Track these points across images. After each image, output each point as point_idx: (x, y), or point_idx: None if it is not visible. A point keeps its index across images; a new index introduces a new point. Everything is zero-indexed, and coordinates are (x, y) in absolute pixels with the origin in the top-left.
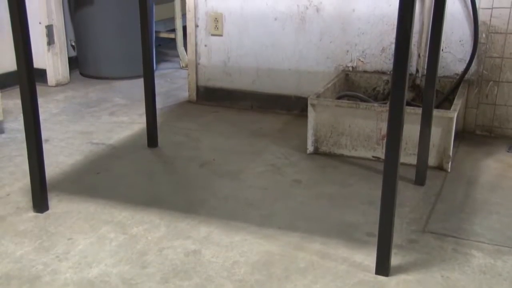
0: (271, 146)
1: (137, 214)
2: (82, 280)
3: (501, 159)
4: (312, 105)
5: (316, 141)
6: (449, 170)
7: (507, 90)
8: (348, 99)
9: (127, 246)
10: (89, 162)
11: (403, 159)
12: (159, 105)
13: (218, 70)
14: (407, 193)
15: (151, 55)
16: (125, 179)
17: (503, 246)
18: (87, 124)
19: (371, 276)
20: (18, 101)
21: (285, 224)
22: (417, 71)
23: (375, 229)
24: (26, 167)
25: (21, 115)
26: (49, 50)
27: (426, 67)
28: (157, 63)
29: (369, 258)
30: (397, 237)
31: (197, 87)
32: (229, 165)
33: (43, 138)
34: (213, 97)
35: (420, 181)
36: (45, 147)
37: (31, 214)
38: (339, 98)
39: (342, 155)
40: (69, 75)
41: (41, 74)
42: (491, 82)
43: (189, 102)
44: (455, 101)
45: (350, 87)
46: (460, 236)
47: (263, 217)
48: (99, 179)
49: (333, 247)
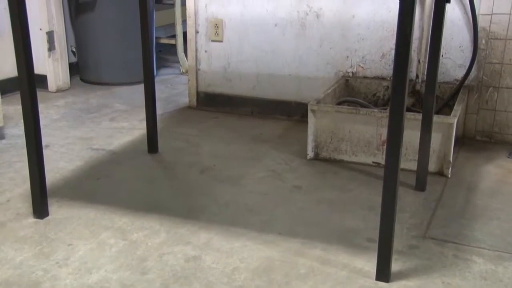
0: (271, 151)
1: (137, 220)
2: (82, 286)
3: (501, 165)
4: (312, 111)
5: (316, 146)
6: (450, 175)
7: (507, 96)
8: (348, 105)
9: (127, 252)
10: (89, 168)
11: (403, 164)
12: (160, 110)
13: (218, 76)
14: (407, 199)
15: (152, 61)
16: (125, 185)
17: (504, 252)
18: (88, 130)
19: (372, 282)
20: (18, 107)
21: (285, 229)
22: (417, 76)
23: (376, 235)
24: (26, 173)
25: (22, 121)
26: (49, 56)
27: (426, 73)
28: (158, 69)
29: (369, 264)
30: (398, 243)
31: (198, 93)
32: (230, 170)
33: (44, 144)
34: (213, 103)
35: (420, 186)
36: (45, 153)
37: (31, 220)
38: (339, 104)
39: (342, 161)
40: (70, 81)
41: (42, 80)
42: (491, 88)
43: (190, 107)
44: (455, 107)
45: (350, 93)
46: (460, 242)
47: (263, 223)
48: (99, 185)
49: (333, 253)
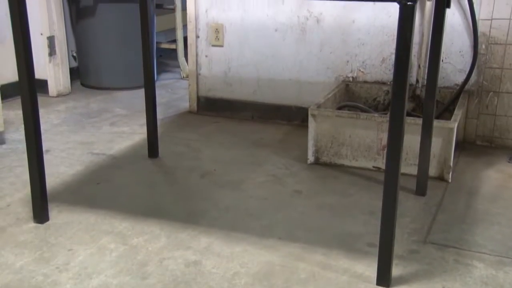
0: (271, 156)
1: (138, 224)
2: None
3: (502, 170)
4: (312, 115)
5: (316, 151)
6: (450, 180)
7: (507, 100)
8: (348, 110)
9: (127, 256)
10: (90, 172)
11: (404, 169)
12: (160, 115)
13: (218, 80)
14: (408, 204)
15: (152, 65)
16: (126, 189)
17: (505, 257)
18: (88, 134)
19: (372, 287)
20: (19, 112)
21: (285, 234)
22: (417, 81)
23: (376, 240)
24: (26, 177)
25: (22, 126)
26: (50, 61)
27: (426, 77)
28: (158, 73)
29: (370, 269)
30: (398, 248)
31: (198, 98)
32: (230, 175)
33: (44, 148)
34: (214, 108)
35: (421, 191)
36: (46, 158)
37: (31, 224)
38: (339, 108)
39: (342, 165)
40: (70, 86)
41: (42, 84)
42: (491, 92)
43: (190, 112)
44: (456, 112)
45: (350, 97)
46: (461, 246)
47: (263, 228)
48: (100, 190)
49: (334, 257)
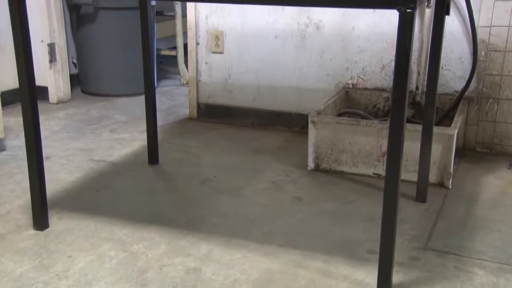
0: (271, 163)
1: (138, 231)
2: None
3: (502, 176)
4: (312, 122)
5: (316, 158)
6: (450, 187)
7: (507, 107)
8: (348, 116)
9: (127, 263)
10: (90, 179)
11: (404, 176)
12: (160, 122)
13: (218, 87)
14: (408, 210)
15: (152, 72)
16: (126, 196)
17: (506, 264)
18: (88, 141)
19: None
20: (19, 119)
21: (286, 241)
22: (417, 88)
23: (376, 247)
24: (26, 184)
25: (23, 133)
26: (51, 67)
27: (426, 84)
28: (158, 80)
29: (370, 275)
30: (399, 255)
31: (198, 104)
32: (230, 182)
33: (44, 155)
34: (214, 114)
35: (421, 198)
36: (46, 165)
37: (31, 231)
38: (339, 115)
39: (342, 172)
40: (71, 93)
41: (43, 91)
42: (491, 99)
43: (190, 119)
44: (455, 118)
45: (350, 104)
46: (462, 253)
47: (264, 234)
48: (100, 196)
49: (334, 264)
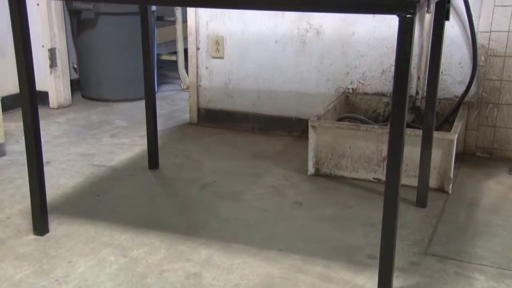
0: (272, 167)
1: (138, 236)
2: None
3: (502, 181)
4: (312, 127)
5: (317, 162)
6: (450, 192)
7: (507, 112)
8: (348, 121)
9: (127, 269)
10: (90, 184)
11: (404, 181)
12: (160, 127)
13: (219, 92)
14: (408, 215)
15: (153, 77)
16: (126, 201)
17: (506, 269)
18: (88, 146)
19: None
20: (20, 124)
21: (286, 246)
22: (417, 93)
23: (377, 252)
24: (26, 189)
25: (23, 138)
26: (51, 72)
27: (426, 89)
28: (159, 85)
29: (370, 281)
30: (399, 260)
31: (198, 109)
32: (230, 187)
33: (44, 160)
34: (214, 119)
35: (421, 203)
36: (46, 169)
37: (31, 236)
38: (339, 120)
39: (343, 177)
40: (71, 98)
41: (43, 96)
42: (491, 104)
43: (190, 124)
44: (455, 123)
45: (350, 109)
46: (462, 258)
47: (264, 239)
48: (100, 201)
49: (334, 269)
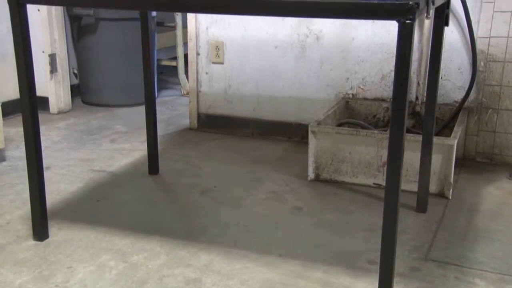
0: (272, 173)
1: (138, 242)
2: None
3: (502, 187)
4: (312, 132)
5: (317, 168)
6: (450, 197)
7: (507, 117)
8: (348, 126)
9: (127, 274)
10: (90, 189)
11: (404, 186)
12: (160, 132)
13: (219, 97)
14: (408, 220)
15: (153, 82)
16: (126, 206)
17: (506, 274)
18: (88, 151)
19: None
20: (20, 129)
21: (286, 251)
22: (417, 98)
23: (377, 257)
24: (26, 195)
25: (23, 143)
26: (51, 78)
27: (425, 94)
28: (159, 90)
29: (371, 286)
30: (399, 265)
31: (198, 114)
32: (230, 192)
33: (44, 165)
34: (214, 124)
35: (421, 208)
36: (46, 175)
37: (31, 242)
38: (339, 125)
39: (343, 182)
40: (71, 103)
41: (43, 102)
42: (491, 109)
43: (190, 129)
44: (455, 128)
45: (350, 114)
46: (462, 264)
47: (264, 245)
48: (100, 207)
49: (334, 275)
